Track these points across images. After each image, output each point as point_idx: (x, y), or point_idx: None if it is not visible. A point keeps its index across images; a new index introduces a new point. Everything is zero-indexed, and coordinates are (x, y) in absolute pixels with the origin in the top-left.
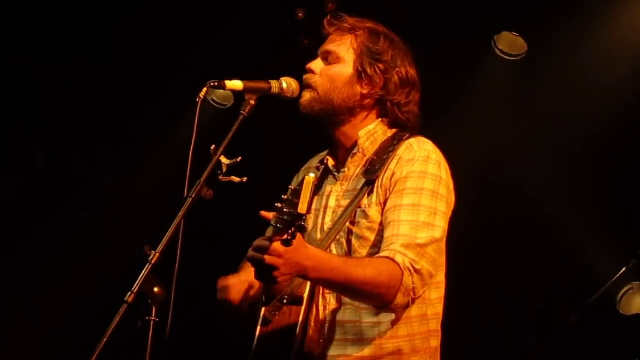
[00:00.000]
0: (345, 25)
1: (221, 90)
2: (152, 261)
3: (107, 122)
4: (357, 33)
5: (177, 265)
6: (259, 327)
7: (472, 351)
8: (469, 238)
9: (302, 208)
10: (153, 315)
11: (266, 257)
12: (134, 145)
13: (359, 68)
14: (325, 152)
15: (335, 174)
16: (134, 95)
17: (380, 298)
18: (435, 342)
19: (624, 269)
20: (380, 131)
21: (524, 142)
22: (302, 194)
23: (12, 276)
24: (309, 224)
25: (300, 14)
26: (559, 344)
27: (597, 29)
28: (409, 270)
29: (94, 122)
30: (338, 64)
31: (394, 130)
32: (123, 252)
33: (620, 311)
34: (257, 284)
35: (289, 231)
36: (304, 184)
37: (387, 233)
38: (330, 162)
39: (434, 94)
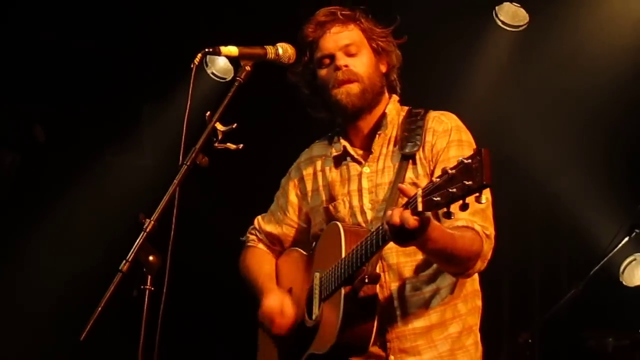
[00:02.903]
0: (343, 16)
1: (222, 64)
2: (147, 230)
3: (108, 96)
4: (357, 21)
5: (172, 233)
6: (342, 309)
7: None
8: None
9: (487, 178)
10: (148, 284)
11: (409, 227)
12: (135, 118)
13: (376, 49)
14: (325, 141)
15: (359, 158)
16: (133, 67)
17: (467, 265)
18: (479, 301)
19: (626, 238)
20: (394, 110)
21: (525, 112)
22: (485, 165)
23: (12, 245)
24: (340, 209)
25: None
26: (562, 315)
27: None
28: (485, 237)
29: (93, 96)
30: (361, 52)
31: (403, 107)
32: (124, 224)
33: (624, 282)
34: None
35: (454, 204)
36: (484, 156)
37: None
38: (349, 147)
39: (436, 65)
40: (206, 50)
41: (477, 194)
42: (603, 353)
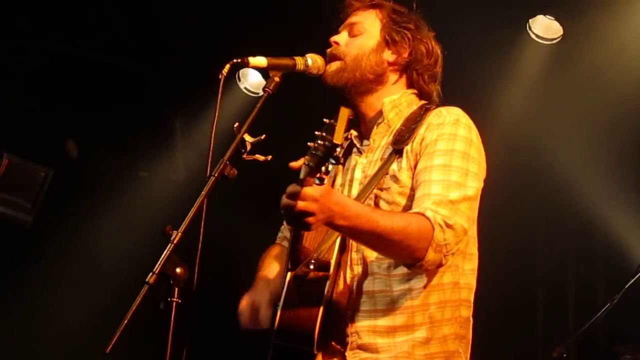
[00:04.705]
0: (368, 1)
1: (254, 79)
2: (174, 241)
3: (140, 111)
4: (381, 7)
5: (200, 245)
6: (284, 294)
7: (512, 337)
8: (505, 222)
9: (337, 138)
10: (175, 296)
11: (299, 203)
12: (168, 133)
13: (386, 36)
14: None
15: (360, 147)
16: (166, 84)
17: (410, 252)
18: (467, 312)
19: None
20: (405, 102)
21: (560, 126)
22: (337, 125)
23: (44, 259)
24: None
25: None
26: (596, 329)
27: (634, 10)
28: (441, 226)
29: (126, 110)
30: (364, 34)
31: (420, 102)
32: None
33: None
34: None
35: (323, 167)
36: (340, 115)
37: (418, 193)
38: (354, 136)
39: (469, 79)
40: (234, 60)
41: (334, 155)
42: None
